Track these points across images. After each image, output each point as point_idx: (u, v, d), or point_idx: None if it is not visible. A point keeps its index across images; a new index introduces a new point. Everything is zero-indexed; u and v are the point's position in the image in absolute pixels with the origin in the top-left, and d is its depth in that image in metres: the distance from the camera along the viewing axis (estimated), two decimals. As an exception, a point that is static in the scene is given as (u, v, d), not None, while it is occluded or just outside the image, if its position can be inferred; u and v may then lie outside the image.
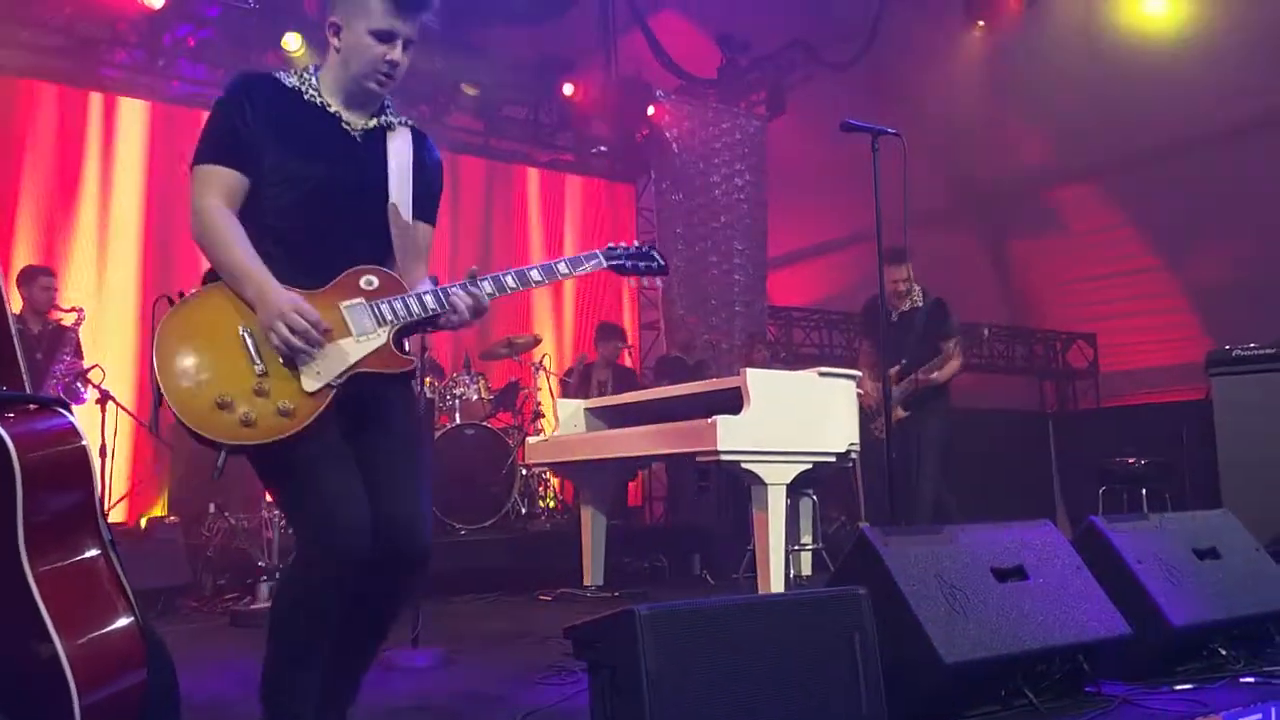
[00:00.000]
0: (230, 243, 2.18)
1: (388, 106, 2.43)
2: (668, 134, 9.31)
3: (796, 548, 5.17)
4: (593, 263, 2.58)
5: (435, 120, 8.96)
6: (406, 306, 2.30)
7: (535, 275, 2.55)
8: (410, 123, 2.50)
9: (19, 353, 1.98)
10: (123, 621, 1.92)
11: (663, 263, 2.66)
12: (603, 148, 9.86)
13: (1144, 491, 6.25)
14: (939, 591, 2.56)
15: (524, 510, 6.86)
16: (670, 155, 9.35)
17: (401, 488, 2.30)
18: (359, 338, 2.23)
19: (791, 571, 4.88)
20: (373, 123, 2.39)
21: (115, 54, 7.53)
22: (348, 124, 2.35)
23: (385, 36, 2.28)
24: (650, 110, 9.29)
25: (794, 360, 9.11)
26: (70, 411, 1.97)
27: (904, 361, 5.41)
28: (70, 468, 1.92)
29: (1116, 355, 11.77)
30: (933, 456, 5.42)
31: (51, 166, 7.35)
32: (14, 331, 2.00)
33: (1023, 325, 11.87)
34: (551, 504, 7.28)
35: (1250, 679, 2.90)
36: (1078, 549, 3.00)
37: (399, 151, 2.42)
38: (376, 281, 2.31)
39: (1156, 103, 9.32)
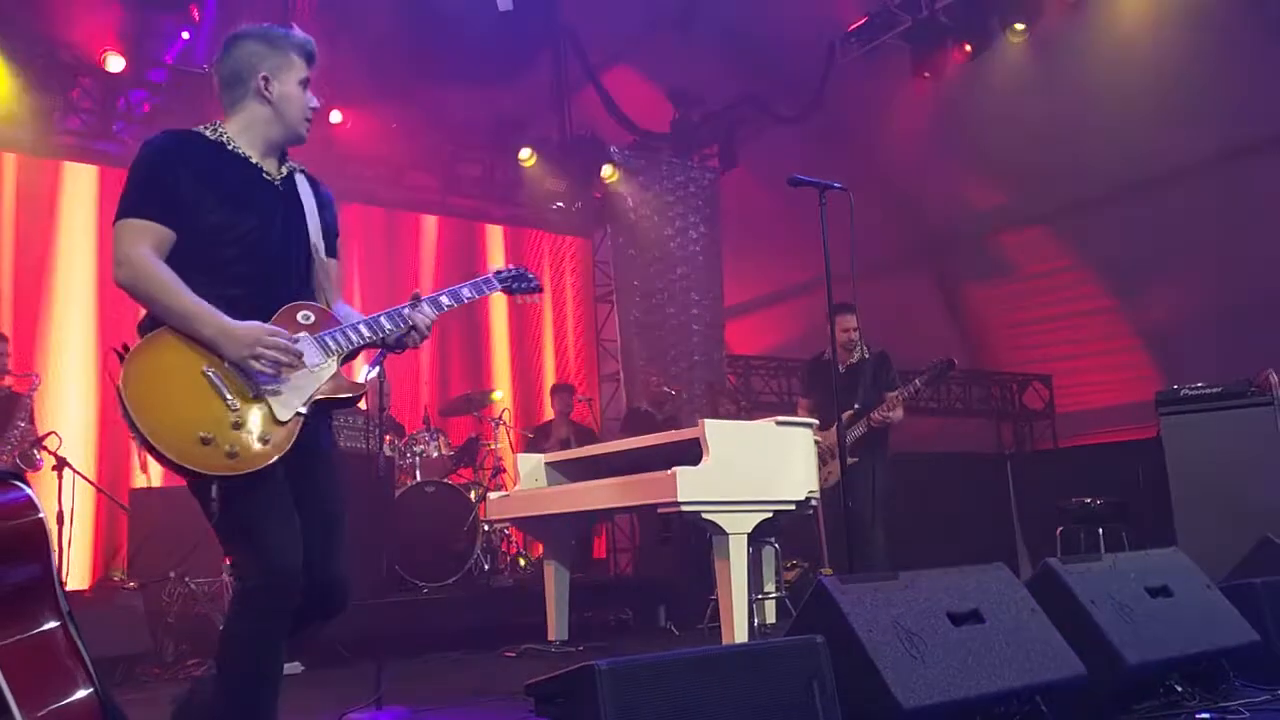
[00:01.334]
0: (175, 288, 2.28)
1: (286, 154, 2.59)
2: (622, 188, 9.43)
3: (760, 596, 5.18)
4: (489, 287, 2.80)
5: (393, 181, 9.02)
6: (347, 336, 2.48)
7: (454, 297, 2.71)
8: (303, 168, 2.65)
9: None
10: (82, 693, 1.92)
11: (538, 283, 2.90)
12: (559, 204, 9.97)
13: (1101, 531, 6.33)
14: (896, 637, 2.58)
15: (487, 566, 6.80)
16: (625, 209, 9.47)
17: (338, 551, 2.45)
18: (312, 369, 2.39)
19: (755, 620, 4.88)
20: (284, 170, 2.55)
21: (69, 120, 7.51)
22: (268, 174, 2.50)
23: (306, 84, 2.51)
24: (605, 169, 9.43)
25: (754, 408, 9.18)
26: (26, 484, 1.97)
27: (856, 407, 5.52)
28: (27, 540, 1.92)
29: (1072, 395, 11.97)
30: (885, 503, 5.53)
31: (4, 233, 7.30)
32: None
33: (979, 368, 12.05)
34: (523, 562, 7.23)
35: (1206, 715, 2.94)
36: (1034, 591, 3.04)
37: (306, 195, 2.58)
38: (312, 316, 2.46)
39: (1104, 147, 9.60)
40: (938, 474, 7.99)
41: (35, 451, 5.72)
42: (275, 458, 2.25)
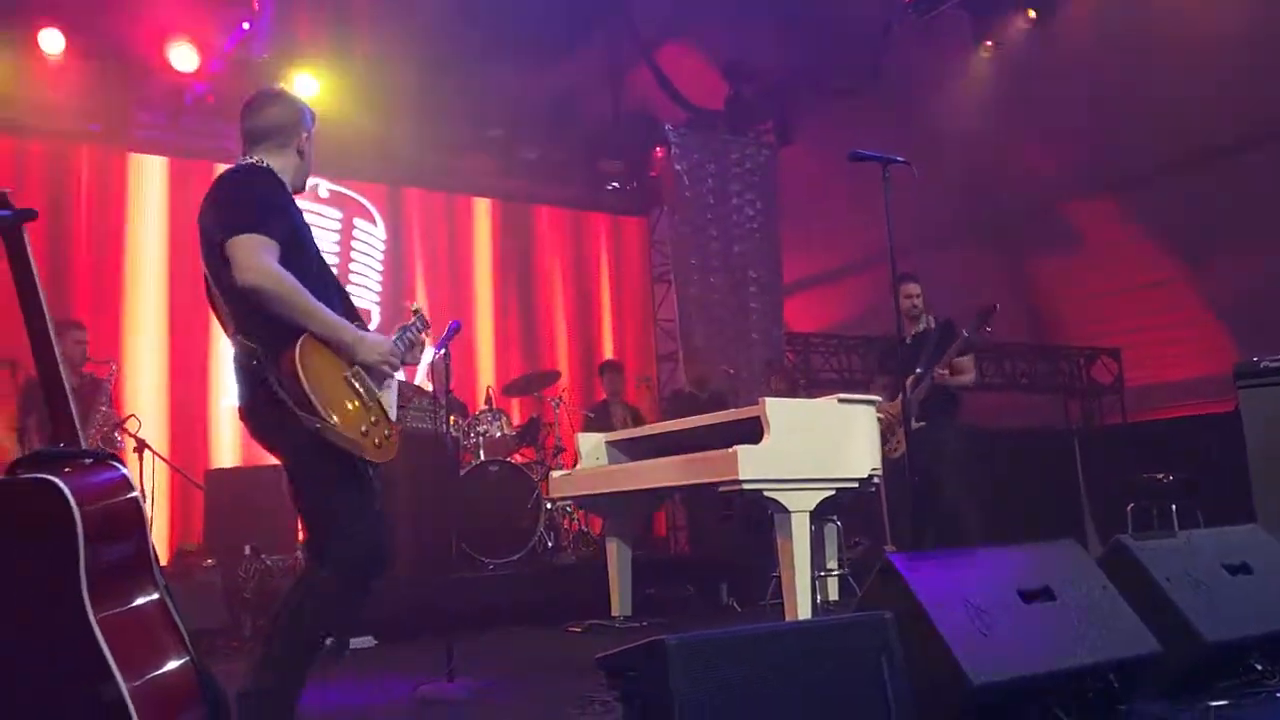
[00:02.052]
0: (311, 298, 2.62)
1: None
2: (678, 167, 9.39)
3: (822, 573, 5.17)
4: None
5: (450, 165, 9.10)
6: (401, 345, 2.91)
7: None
8: None
9: (73, 409, 2.07)
10: (179, 662, 2.01)
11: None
12: (614, 184, 9.96)
13: (1174, 508, 6.19)
14: (965, 613, 2.57)
15: (550, 544, 6.88)
16: (681, 187, 9.43)
17: (382, 519, 2.80)
18: (389, 377, 2.83)
19: (818, 597, 4.88)
20: None
21: (139, 113, 7.70)
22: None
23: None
24: (657, 151, 9.41)
25: (813, 386, 9.12)
26: (122, 464, 2.05)
27: (918, 372, 5.44)
28: (125, 517, 2.01)
29: (1142, 369, 11.68)
30: (953, 471, 5.42)
31: (79, 224, 7.52)
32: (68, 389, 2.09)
33: (1045, 342, 11.82)
34: (587, 546, 7.29)
35: (1287, 693, 2.88)
36: (1105, 568, 3.00)
37: None
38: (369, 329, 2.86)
39: (1172, 112, 9.32)
40: (1003, 450, 7.87)
41: (116, 434, 5.90)
42: (394, 452, 2.68)
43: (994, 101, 10.37)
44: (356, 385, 2.65)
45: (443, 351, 4.01)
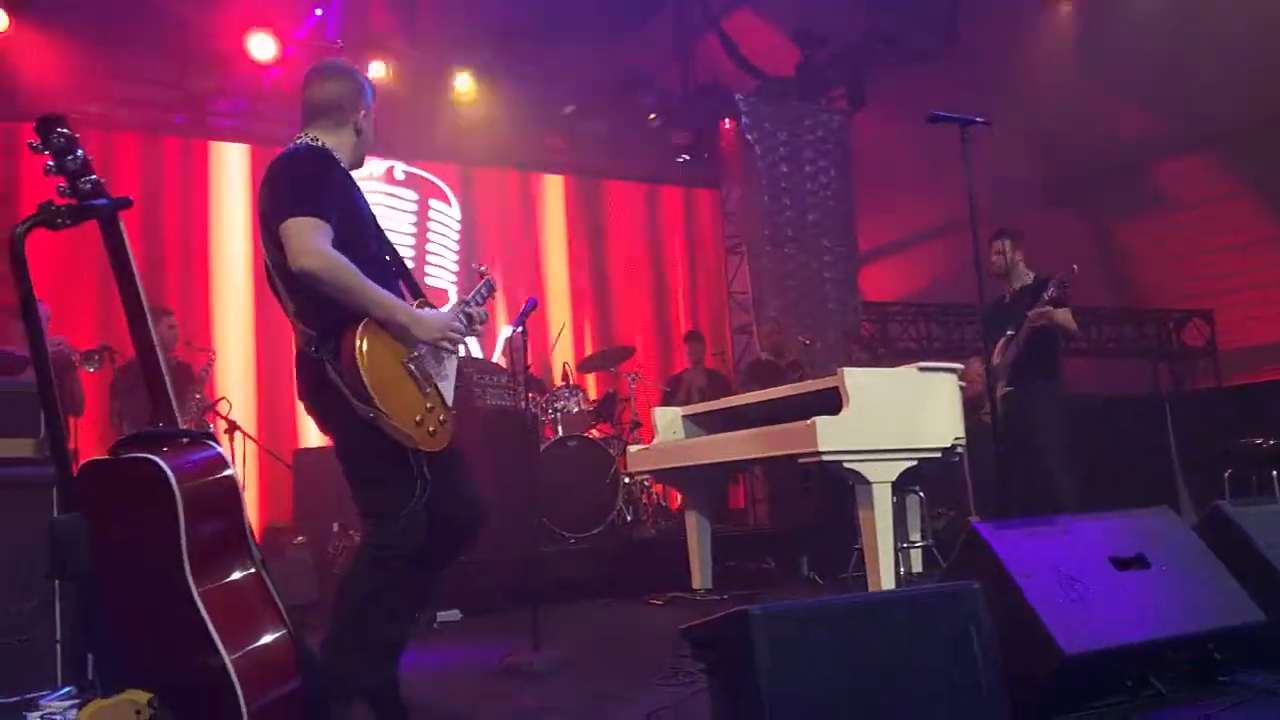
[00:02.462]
0: (365, 280, 2.58)
1: None
2: (749, 136, 9.30)
3: (905, 545, 5.11)
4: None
5: (521, 143, 9.15)
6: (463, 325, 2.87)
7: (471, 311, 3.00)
8: None
9: (170, 391, 2.14)
10: (278, 634, 2.07)
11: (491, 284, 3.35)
12: (685, 156, 9.91)
13: (1275, 474, 5.97)
14: (1055, 583, 2.52)
15: (629, 518, 6.93)
16: (753, 157, 9.33)
17: (473, 481, 2.91)
18: (449, 357, 2.84)
19: (901, 569, 4.82)
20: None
21: (219, 102, 7.89)
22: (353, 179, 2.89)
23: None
24: (727, 122, 9.32)
25: (891, 356, 8.99)
26: (217, 443, 2.12)
27: (1009, 333, 5.29)
28: (223, 494, 2.08)
29: (1236, 331, 11.26)
30: (1047, 438, 5.26)
31: (168, 214, 7.76)
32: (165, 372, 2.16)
33: (1132, 306, 11.46)
34: (666, 520, 7.32)
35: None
36: (1203, 535, 2.91)
37: None
38: (429, 310, 2.83)
39: (1264, 65, 8.91)
40: (1091, 417, 7.65)
41: (206, 418, 6.10)
42: (451, 435, 2.71)
43: (1072, 60, 10.05)
44: (414, 371, 2.65)
45: (520, 329, 4.04)
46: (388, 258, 2.85)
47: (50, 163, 2.01)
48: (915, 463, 4.49)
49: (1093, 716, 2.48)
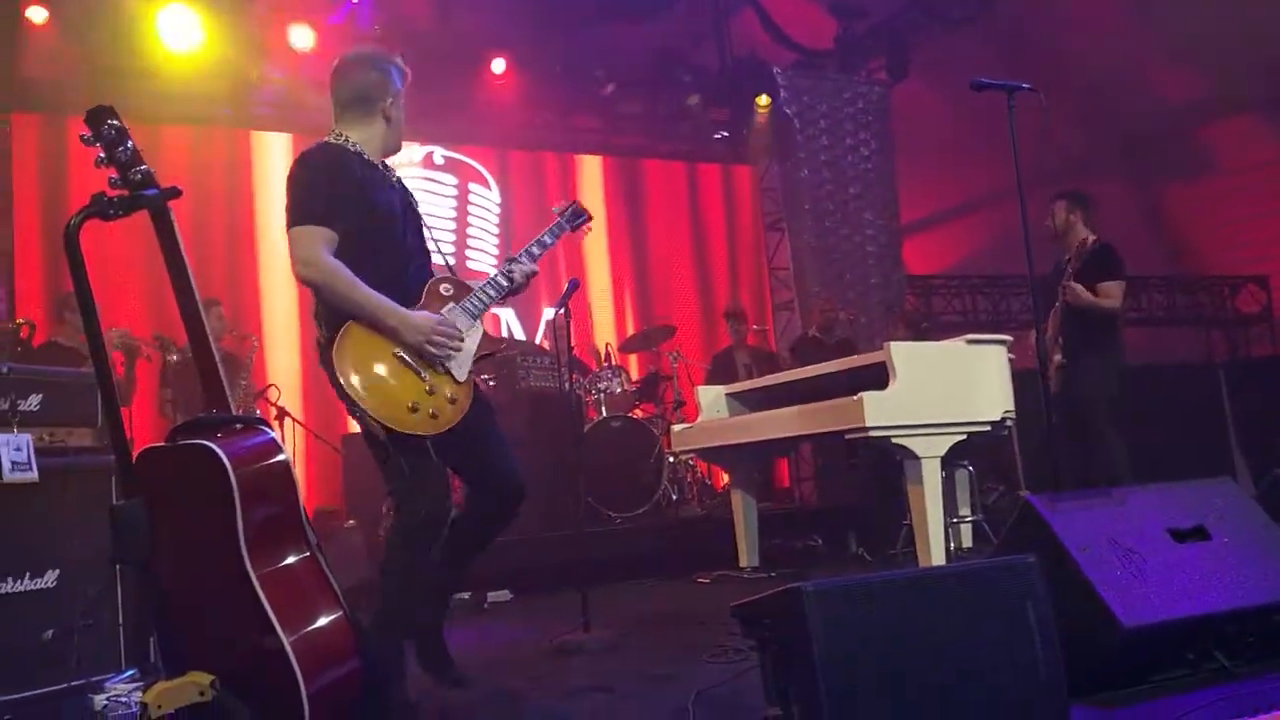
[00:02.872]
0: (355, 284, 2.70)
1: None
2: (788, 110, 9.20)
3: (955, 520, 5.06)
4: (559, 230, 3.28)
5: (558, 124, 9.14)
6: (481, 299, 2.93)
7: (540, 245, 3.14)
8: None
9: (223, 378, 2.17)
10: (334, 616, 2.10)
11: (586, 214, 3.39)
12: (723, 133, 9.83)
13: (1332, 440, 5.83)
14: (1113, 555, 2.48)
15: (675, 497, 6.94)
16: (792, 131, 9.24)
17: (508, 454, 3.05)
18: (467, 333, 2.86)
19: (951, 545, 4.77)
20: (393, 170, 3.02)
21: (263, 91, 7.96)
22: (387, 172, 2.97)
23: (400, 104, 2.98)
24: (761, 99, 9.23)
25: (936, 330, 8.89)
26: (270, 428, 2.15)
27: (1058, 304, 5.21)
28: (277, 478, 2.11)
29: (1293, 297, 11.01)
30: (1094, 414, 5.18)
31: (214, 205, 7.86)
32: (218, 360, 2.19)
33: (1184, 273, 11.22)
34: (711, 499, 7.33)
35: None
36: (1264, 504, 2.85)
37: (404, 185, 3.04)
38: (451, 288, 2.92)
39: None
40: (1144, 387, 7.52)
41: (254, 405, 6.19)
42: (464, 411, 2.78)
43: (1119, 22, 9.81)
44: (408, 359, 2.73)
45: (562, 310, 4.04)
46: (405, 252, 2.90)
47: (101, 154, 2.04)
48: (964, 436, 4.44)
49: (1153, 690, 2.44)
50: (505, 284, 2.99)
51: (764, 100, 9.28)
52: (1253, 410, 7.73)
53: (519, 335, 8.74)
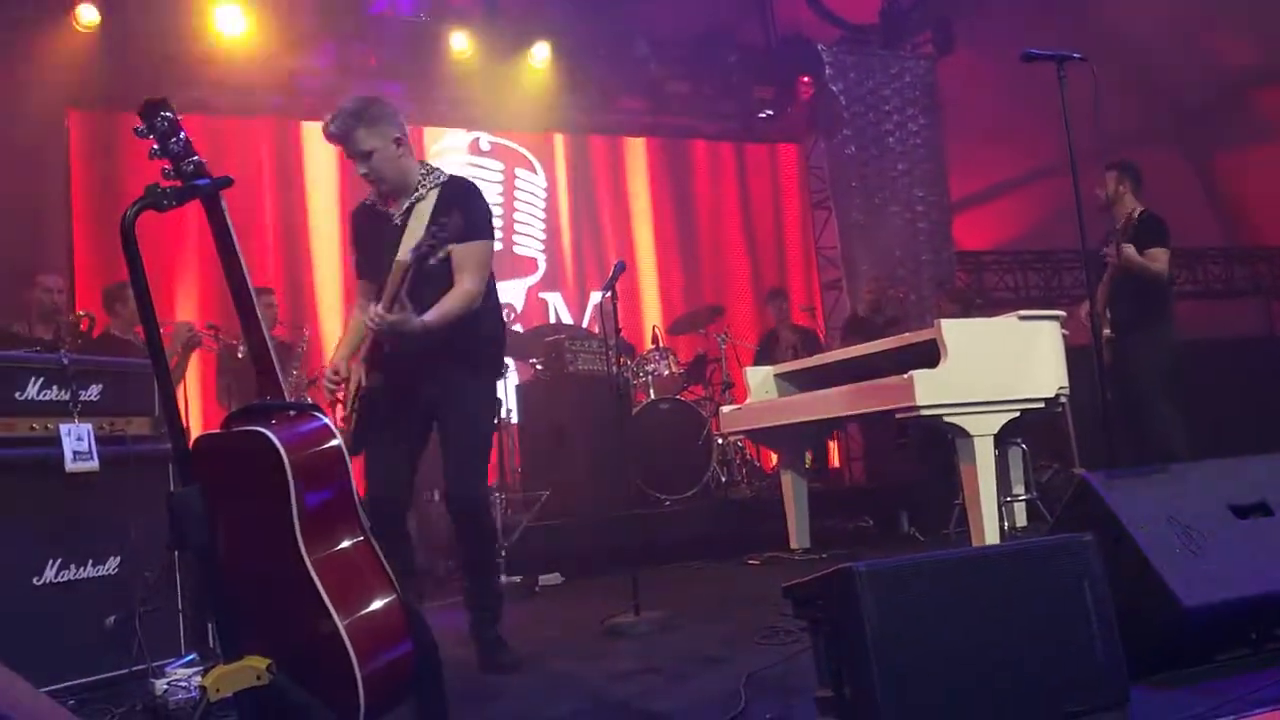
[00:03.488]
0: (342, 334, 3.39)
1: (421, 185, 3.21)
2: (834, 88, 9.09)
3: (1009, 499, 5.00)
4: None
5: (604, 106, 9.11)
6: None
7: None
8: (441, 180, 3.24)
9: (277, 367, 2.20)
10: (387, 599, 2.13)
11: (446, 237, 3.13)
12: (769, 111, 9.75)
13: (1404, 413, 5.65)
14: (1172, 533, 2.43)
15: (724, 479, 6.93)
16: (839, 109, 9.13)
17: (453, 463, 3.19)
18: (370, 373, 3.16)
19: (1005, 524, 4.71)
20: (405, 204, 3.19)
21: (308, 81, 8.04)
22: (390, 214, 3.21)
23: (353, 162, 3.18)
24: (806, 78, 9.14)
25: (988, 306, 8.76)
26: (324, 414, 2.18)
27: (1106, 276, 5.12)
28: (330, 464, 2.14)
29: (1357, 266, 10.68)
30: (1146, 388, 5.09)
31: (264, 194, 7.96)
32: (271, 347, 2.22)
33: (1240, 243, 10.94)
34: (761, 480, 7.31)
35: None
36: (1329, 480, 2.76)
37: (420, 213, 3.15)
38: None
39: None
40: (1200, 362, 7.34)
41: (306, 394, 6.28)
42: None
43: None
44: None
45: (609, 293, 4.04)
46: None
47: (155, 146, 2.07)
48: (1018, 414, 4.38)
49: (1215, 670, 2.39)
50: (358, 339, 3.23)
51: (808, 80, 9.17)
52: (1317, 384, 7.53)
53: (566, 319, 8.76)
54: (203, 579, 2.04)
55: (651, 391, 6.90)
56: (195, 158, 2.07)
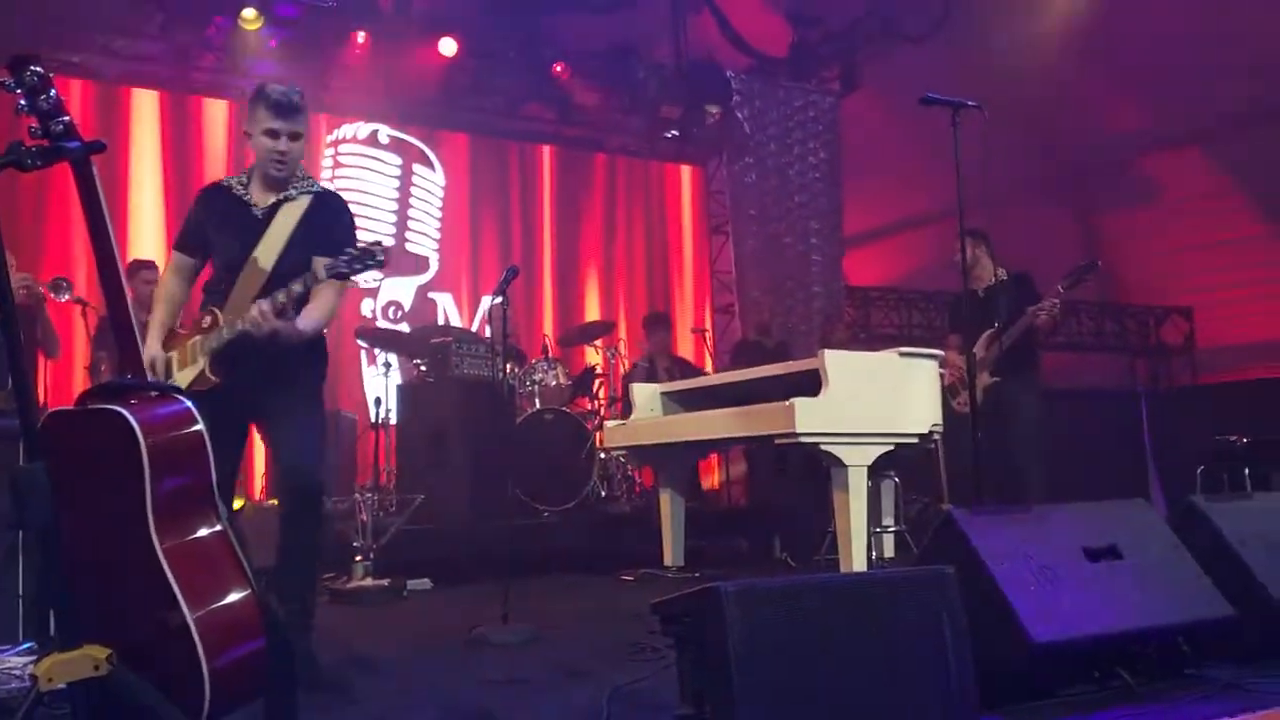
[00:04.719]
0: (154, 307, 3.16)
1: (293, 184, 3.16)
2: (739, 114, 9.23)
3: (878, 529, 5.12)
4: (316, 279, 2.95)
5: (510, 112, 9.04)
6: (218, 337, 2.95)
7: (296, 287, 2.93)
8: (315, 189, 3.21)
9: (140, 343, 2.09)
10: (242, 593, 2.03)
11: (381, 259, 2.96)
12: (674, 131, 9.84)
13: (1247, 471, 6.01)
14: (1028, 571, 2.51)
15: (604, 493, 6.92)
16: (743, 136, 9.28)
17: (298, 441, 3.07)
18: (190, 366, 2.98)
19: (873, 554, 4.83)
20: (272, 200, 3.13)
21: (204, 58, 7.76)
22: (254, 204, 3.13)
23: (273, 135, 3.06)
24: (713, 109, 9.25)
25: (872, 341, 9.00)
26: (186, 397, 2.08)
27: (996, 325, 5.29)
28: (190, 449, 2.04)
29: (1214, 330, 11.34)
30: (1026, 433, 5.28)
31: (147, 168, 7.63)
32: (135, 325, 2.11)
33: (1113, 300, 11.52)
34: (640, 496, 7.32)
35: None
36: (1175, 529, 2.91)
37: (284, 217, 3.11)
38: (207, 320, 2.99)
39: (1261, 63, 8.91)
40: (1066, 411, 7.71)
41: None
42: None
43: (1070, 47, 10.01)
44: None
45: (500, 299, 3.99)
46: (224, 278, 3.10)
47: (22, 102, 1.94)
48: (892, 447, 4.49)
49: (1059, 705, 2.48)
50: (229, 335, 2.93)
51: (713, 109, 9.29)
52: (1170, 438, 7.96)
53: (455, 321, 8.63)
54: (45, 562, 1.92)
55: (537, 401, 6.85)
56: (66, 118, 1.95)
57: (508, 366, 5.37)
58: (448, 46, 8.26)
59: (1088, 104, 10.41)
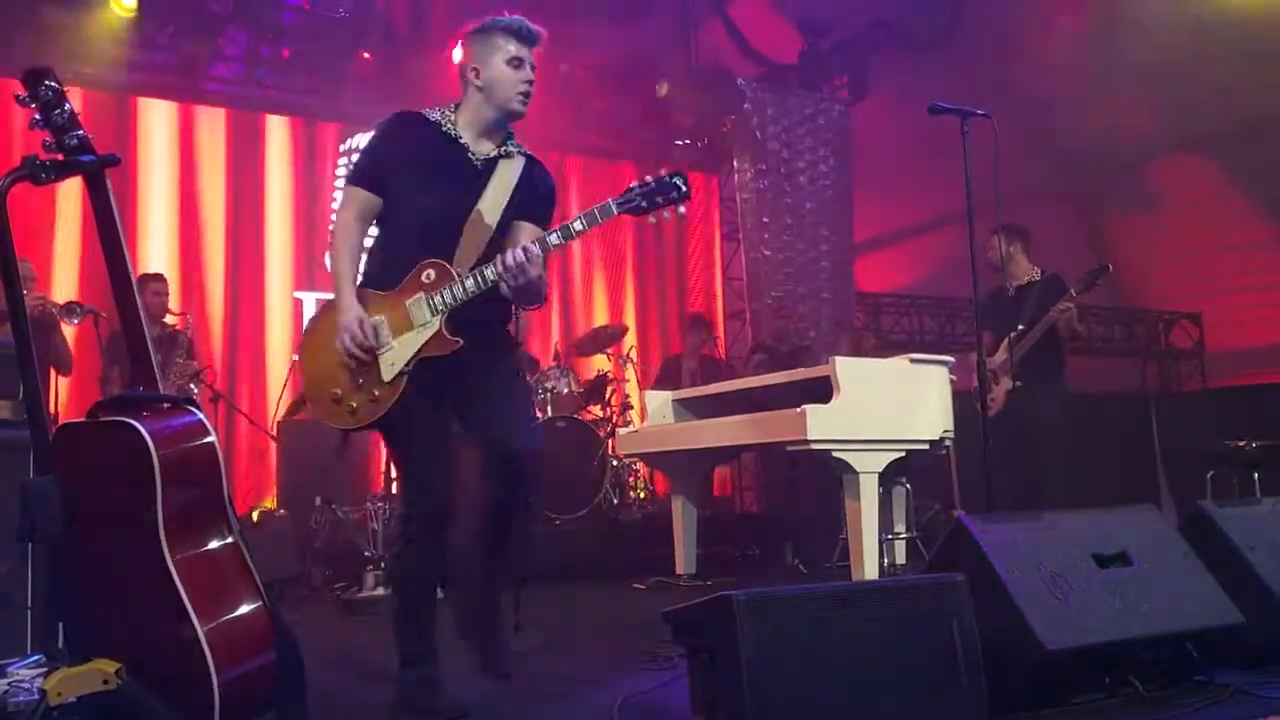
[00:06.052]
0: (341, 253, 2.71)
1: (509, 139, 2.86)
2: (750, 122, 9.25)
3: (890, 536, 5.11)
4: (603, 214, 2.78)
5: (524, 120, 9.04)
6: (452, 292, 2.62)
7: (577, 225, 2.72)
8: (526, 152, 2.91)
9: (153, 355, 2.11)
10: (252, 606, 2.05)
11: (685, 189, 2.77)
12: (685, 140, 9.85)
13: (1256, 475, 5.99)
14: (1039, 578, 2.51)
15: (616, 501, 6.92)
16: (754, 143, 9.29)
17: (506, 418, 2.78)
18: (419, 328, 2.63)
19: (885, 560, 4.82)
20: (493, 152, 2.81)
21: (217, 68, 7.79)
22: (473, 153, 2.78)
23: (517, 63, 2.77)
24: (725, 110, 9.27)
25: (883, 347, 8.97)
26: (199, 409, 2.09)
27: (1020, 328, 5.26)
28: (202, 461, 2.06)
29: (1224, 334, 11.30)
30: (1050, 438, 5.23)
31: (159, 178, 7.65)
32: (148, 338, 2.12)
33: (1123, 305, 11.49)
34: (642, 494, 7.33)
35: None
36: (1184, 534, 2.91)
37: (504, 174, 2.80)
38: (433, 274, 2.65)
39: (1270, 67, 8.89)
40: (1077, 415, 7.66)
41: (192, 385, 6.04)
42: (380, 414, 2.63)
43: (1078, 54, 10.01)
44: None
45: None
46: (425, 228, 2.68)
47: (37, 116, 1.97)
48: (903, 454, 4.49)
49: (1070, 712, 2.48)
50: (475, 286, 2.60)
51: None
52: (1180, 443, 7.92)
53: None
54: (55, 575, 1.94)
55: (550, 409, 6.86)
56: (80, 132, 1.97)
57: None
58: (459, 55, 8.27)
59: (1095, 111, 10.40)
